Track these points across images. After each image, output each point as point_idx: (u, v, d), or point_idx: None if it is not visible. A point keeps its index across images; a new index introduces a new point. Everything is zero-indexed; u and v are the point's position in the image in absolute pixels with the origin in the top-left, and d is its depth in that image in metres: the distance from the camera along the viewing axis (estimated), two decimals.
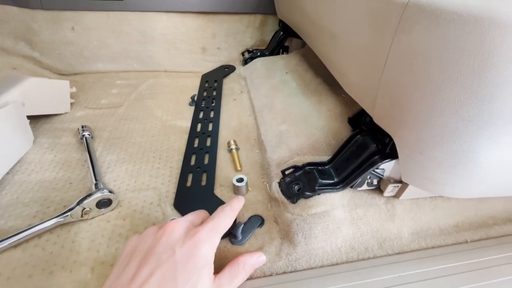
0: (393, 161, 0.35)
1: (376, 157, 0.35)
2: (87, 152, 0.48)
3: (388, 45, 0.27)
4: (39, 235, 0.35)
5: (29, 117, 0.50)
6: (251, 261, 0.30)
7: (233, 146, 0.50)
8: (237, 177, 0.42)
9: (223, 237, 0.35)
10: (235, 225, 0.36)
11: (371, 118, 0.35)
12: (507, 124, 0.23)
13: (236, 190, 0.42)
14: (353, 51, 0.35)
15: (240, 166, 0.47)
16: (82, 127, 0.53)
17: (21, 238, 0.34)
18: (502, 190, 0.33)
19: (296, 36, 0.78)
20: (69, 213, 0.36)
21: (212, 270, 0.25)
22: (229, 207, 0.31)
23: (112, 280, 0.23)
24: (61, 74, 0.76)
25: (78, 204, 0.36)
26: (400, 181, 0.37)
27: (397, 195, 0.39)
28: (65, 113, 0.60)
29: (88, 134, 0.51)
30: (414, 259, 0.35)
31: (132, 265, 0.23)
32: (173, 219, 0.28)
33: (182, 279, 0.22)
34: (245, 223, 0.37)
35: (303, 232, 0.35)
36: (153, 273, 0.22)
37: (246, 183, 0.42)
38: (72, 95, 0.62)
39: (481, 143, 0.24)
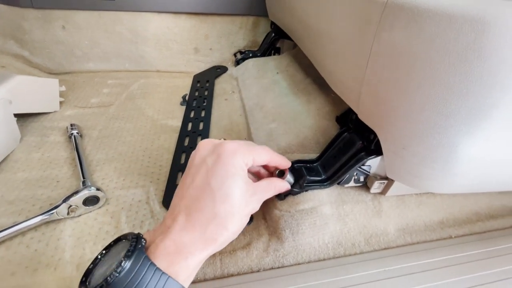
0: (379, 158, 0.36)
1: (362, 153, 0.35)
2: (75, 151, 0.47)
3: (370, 43, 0.27)
4: (23, 232, 0.35)
5: (16, 115, 0.49)
6: (280, 183, 0.32)
7: None
8: None
9: None
10: None
11: (357, 116, 0.35)
12: (482, 120, 0.23)
13: None
14: (338, 49, 0.35)
15: None
16: (71, 125, 0.52)
17: (4, 236, 0.33)
18: (483, 185, 0.34)
19: (288, 37, 0.79)
20: (54, 211, 0.36)
21: (246, 178, 0.27)
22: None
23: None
24: (51, 73, 0.75)
25: (64, 201, 0.36)
26: (386, 178, 0.38)
27: (383, 192, 0.39)
28: (54, 111, 0.59)
29: (77, 133, 0.51)
30: (400, 254, 0.35)
31: (183, 176, 0.28)
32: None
33: (215, 183, 0.25)
34: None
35: (290, 228, 0.35)
36: (193, 180, 0.26)
37: None
38: (61, 94, 0.61)
39: (459, 138, 0.25)
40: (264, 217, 0.38)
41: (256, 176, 0.34)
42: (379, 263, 0.34)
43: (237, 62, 0.83)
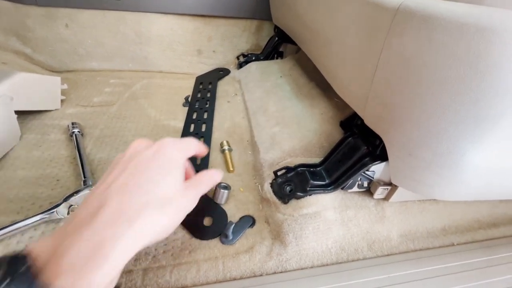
0: (383, 164, 0.36)
1: (367, 159, 0.35)
2: (76, 149, 0.47)
3: (379, 49, 0.27)
4: (22, 231, 0.34)
5: (17, 112, 0.49)
6: (210, 174, 0.30)
7: (226, 147, 0.50)
8: (223, 184, 0.40)
9: (215, 236, 0.35)
10: (226, 224, 0.36)
11: (362, 121, 0.35)
12: (490, 128, 0.24)
13: (217, 194, 0.40)
14: (346, 55, 0.36)
15: (233, 167, 0.47)
16: (72, 124, 0.52)
17: (3, 234, 0.33)
18: (487, 193, 0.34)
19: (291, 42, 0.79)
20: (55, 210, 0.35)
21: (183, 174, 0.26)
22: (198, 148, 0.30)
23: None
24: (53, 71, 0.75)
25: (64, 200, 0.36)
26: (390, 184, 0.38)
27: (386, 198, 0.39)
28: (55, 109, 0.59)
29: (78, 131, 0.51)
30: (403, 260, 0.35)
31: (105, 174, 0.25)
32: None
33: (154, 171, 0.23)
34: (236, 223, 0.37)
35: (294, 232, 0.35)
36: (122, 172, 0.23)
37: (228, 193, 0.40)
38: (63, 92, 0.61)
39: (466, 146, 0.25)
40: (267, 221, 0.38)
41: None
42: (382, 269, 0.34)
43: (240, 65, 0.83)
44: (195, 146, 0.29)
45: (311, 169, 0.40)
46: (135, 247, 0.21)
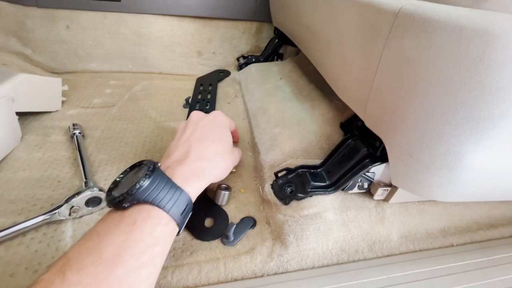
0: (383, 165, 0.36)
1: (367, 160, 0.36)
2: (77, 151, 0.47)
3: (380, 52, 0.28)
4: (23, 233, 0.34)
5: (18, 113, 0.49)
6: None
7: None
8: (223, 185, 0.41)
9: (216, 237, 0.35)
10: (227, 226, 0.36)
11: (362, 123, 0.36)
12: (489, 130, 0.24)
13: (218, 195, 0.40)
14: (347, 57, 0.36)
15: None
16: (73, 125, 0.52)
17: (4, 236, 0.33)
18: (486, 194, 0.34)
19: (291, 43, 0.80)
20: (56, 211, 0.35)
21: (230, 134, 0.40)
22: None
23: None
24: (53, 72, 0.75)
25: (66, 202, 0.36)
26: (390, 185, 0.38)
27: (386, 199, 0.40)
28: (56, 111, 0.59)
29: (79, 133, 0.51)
30: (403, 261, 0.36)
31: (179, 133, 0.37)
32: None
33: (215, 130, 0.37)
34: (237, 224, 0.37)
35: (294, 233, 0.35)
36: (195, 131, 0.36)
37: (229, 194, 0.40)
38: (64, 94, 0.61)
39: (466, 148, 0.25)
40: (268, 222, 0.38)
41: None
42: (382, 270, 0.34)
43: (240, 67, 0.84)
44: (232, 122, 0.44)
45: (312, 171, 0.41)
46: (211, 176, 0.32)
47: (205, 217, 0.38)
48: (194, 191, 0.29)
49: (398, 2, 0.26)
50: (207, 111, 0.62)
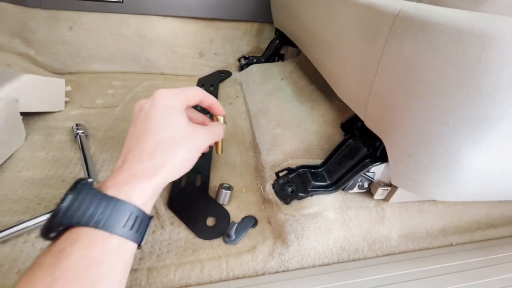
0: (383, 165, 0.36)
1: (367, 160, 0.36)
2: (80, 150, 0.47)
3: (379, 54, 0.28)
4: (28, 231, 0.35)
5: (22, 113, 0.49)
6: (220, 126, 0.35)
7: None
8: (225, 185, 0.41)
9: (218, 236, 0.36)
10: (229, 225, 0.37)
11: (362, 123, 0.36)
12: (487, 131, 0.24)
13: (219, 195, 0.40)
14: (347, 58, 0.36)
15: (222, 151, 0.39)
16: (76, 125, 0.53)
17: (9, 234, 0.33)
18: (484, 194, 0.35)
19: (292, 44, 0.80)
20: None
21: (184, 115, 0.29)
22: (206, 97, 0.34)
23: None
24: (57, 73, 0.76)
25: None
26: (390, 185, 0.39)
27: (386, 199, 0.40)
28: (59, 111, 0.59)
29: (82, 133, 0.51)
30: (402, 260, 0.36)
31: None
32: None
33: (154, 118, 0.27)
34: (238, 223, 0.37)
35: (295, 232, 0.35)
36: (135, 126, 0.28)
37: (230, 194, 0.41)
38: (67, 94, 0.62)
39: (464, 148, 0.26)
40: (269, 221, 0.39)
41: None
42: (382, 269, 0.35)
43: (241, 67, 0.84)
44: (196, 94, 0.32)
45: (312, 170, 0.41)
46: (161, 175, 0.26)
47: (207, 216, 0.38)
48: (139, 197, 0.24)
49: (397, 4, 0.26)
50: (208, 112, 0.63)
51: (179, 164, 0.28)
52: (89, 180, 0.24)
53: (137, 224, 0.24)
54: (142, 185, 0.25)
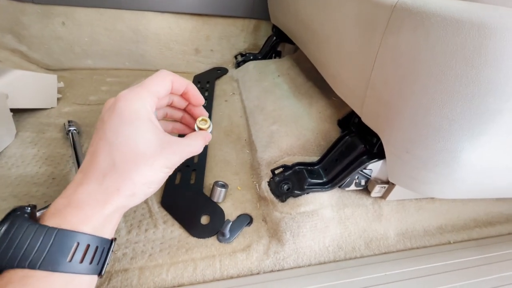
0: (380, 162, 0.36)
1: (364, 157, 0.35)
2: (72, 148, 0.46)
3: (377, 47, 0.27)
4: None
5: (13, 110, 0.48)
6: (203, 134, 0.30)
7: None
8: (220, 182, 0.41)
9: (212, 235, 0.35)
10: (223, 223, 0.36)
11: (359, 119, 0.35)
12: (486, 125, 0.24)
13: (214, 192, 0.40)
14: (344, 53, 0.36)
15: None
16: (69, 122, 0.51)
17: None
18: (483, 191, 0.34)
19: (289, 41, 0.79)
20: None
21: (152, 125, 0.23)
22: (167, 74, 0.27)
23: None
24: (49, 69, 0.74)
25: None
26: (387, 182, 0.38)
27: (383, 196, 0.39)
28: (51, 108, 0.58)
29: (74, 130, 0.50)
30: (400, 258, 0.35)
31: None
32: None
33: (110, 133, 0.22)
34: (233, 222, 0.36)
35: (291, 230, 0.35)
36: (93, 139, 0.24)
37: (226, 191, 0.40)
38: (59, 90, 0.60)
39: (463, 144, 0.25)
40: (265, 219, 0.38)
41: (185, 125, 0.33)
42: (379, 267, 0.34)
43: (238, 64, 0.83)
44: (163, 81, 0.25)
45: (309, 168, 0.40)
46: (111, 204, 0.22)
47: (201, 214, 0.38)
48: (89, 225, 0.20)
49: None
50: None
51: (139, 188, 0.22)
52: (27, 208, 0.20)
53: (89, 254, 0.20)
54: (89, 214, 0.21)
